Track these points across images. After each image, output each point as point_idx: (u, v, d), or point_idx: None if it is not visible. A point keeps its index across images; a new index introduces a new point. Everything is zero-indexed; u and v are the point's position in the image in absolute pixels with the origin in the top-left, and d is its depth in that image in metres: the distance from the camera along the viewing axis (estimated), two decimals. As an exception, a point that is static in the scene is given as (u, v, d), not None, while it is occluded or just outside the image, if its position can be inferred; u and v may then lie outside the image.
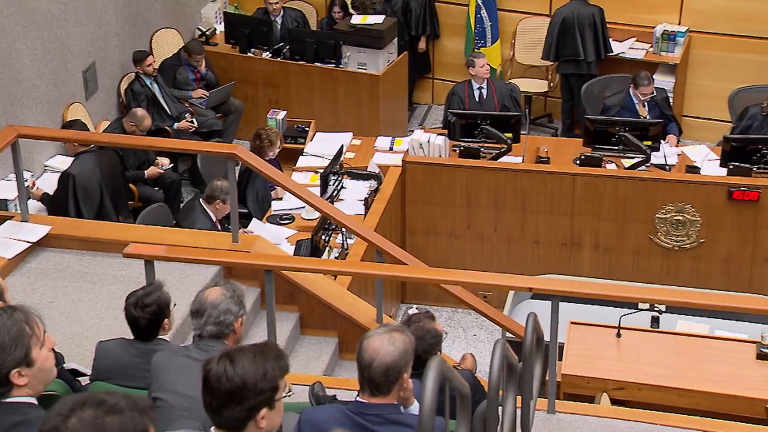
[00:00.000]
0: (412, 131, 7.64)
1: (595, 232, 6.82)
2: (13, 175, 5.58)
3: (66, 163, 6.83)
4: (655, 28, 8.44)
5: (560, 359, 5.05)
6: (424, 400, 2.33)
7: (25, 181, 5.75)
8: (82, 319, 4.90)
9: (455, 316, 6.97)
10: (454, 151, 7.12)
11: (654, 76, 7.72)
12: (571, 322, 5.39)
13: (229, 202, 5.73)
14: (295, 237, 6.33)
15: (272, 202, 6.86)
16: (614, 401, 4.99)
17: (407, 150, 7.21)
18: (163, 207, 6.59)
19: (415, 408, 2.92)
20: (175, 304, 3.86)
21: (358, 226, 5.68)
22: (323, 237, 6.10)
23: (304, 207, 6.52)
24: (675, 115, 7.82)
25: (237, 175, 5.94)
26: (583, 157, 6.96)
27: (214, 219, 6.18)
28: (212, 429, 2.38)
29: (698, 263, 6.73)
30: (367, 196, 6.76)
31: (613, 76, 8.26)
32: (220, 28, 9.07)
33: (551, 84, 8.92)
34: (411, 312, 4.19)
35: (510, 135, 6.98)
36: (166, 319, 3.76)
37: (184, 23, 8.99)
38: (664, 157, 6.96)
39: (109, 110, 8.00)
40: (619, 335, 5.34)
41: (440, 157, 7.06)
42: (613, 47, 8.45)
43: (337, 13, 8.92)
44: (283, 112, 8.14)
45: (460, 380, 2.76)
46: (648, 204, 6.67)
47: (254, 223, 6.53)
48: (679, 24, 8.50)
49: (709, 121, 8.57)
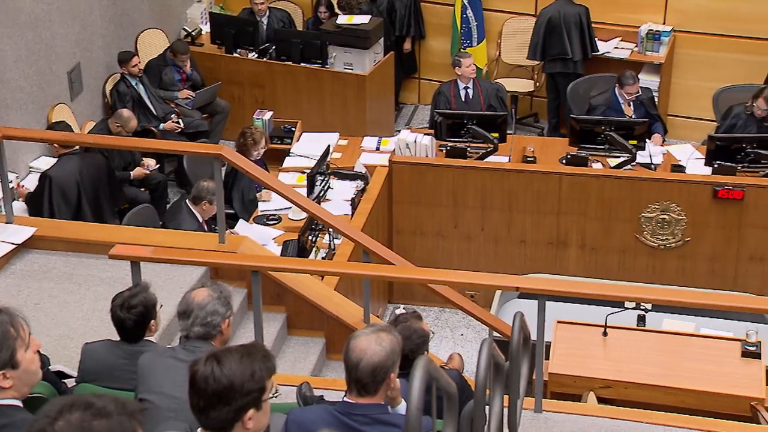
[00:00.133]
0: (399, 131, 7.66)
1: (581, 231, 6.84)
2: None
3: (51, 165, 6.80)
4: (639, 27, 8.48)
5: (547, 358, 5.07)
6: (411, 400, 2.33)
7: (10, 182, 5.72)
8: (67, 321, 4.88)
9: (442, 316, 6.98)
10: (441, 150, 7.13)
11: (639, 76, 7.76)
12: (558, 321, 5.41)
13: (215, 203, 5.72)
14: (282, 237, 6.32)
15: (258, 203, 6.85)
16: (601, 400, 5.01)
17: (394, 150, 7.22)
18: (149, 208, 6.57)
19: (403, 408, 2.92)
20: (162, 306, 3.85)
21: (344, 226, 5.68)
22: (310, 237, 6.10)
23: (290, 207, 6.52)
24: (660, 115, 7.85)
25: (223, 176, 5.93)
26: (569, 157, 6.98)
27: (201, 220, 6.16)
28: (199, 430, 2.37)
29: (683, 262, 6.77)
30: (353, 197, 6.76)
31: (598, 76, 8.29)
32: (206, 29, 9.04)
33: (537, 84, 8.95)
34: (398, 312, 4.19)
35: (496, 135, 7.00)
36: (153, 321, 3.75)
37: (169, 24, 8.96)
38: (650, 157, 6.99)
39: (95, 111, 7.96)
40: (605, 334, 5.36)
41: (427, 157, 7.07)
42: (599, 47, 8.47)
43: (323, 13, 8.91)
44: (270, 113, 8.13)
45: (447, 380, 2.76)
46: (634, 203, 6.70)
47: (241, 224, 6.52)
48: (664, 24, 8.54)
49: (694, 120, 8.62)
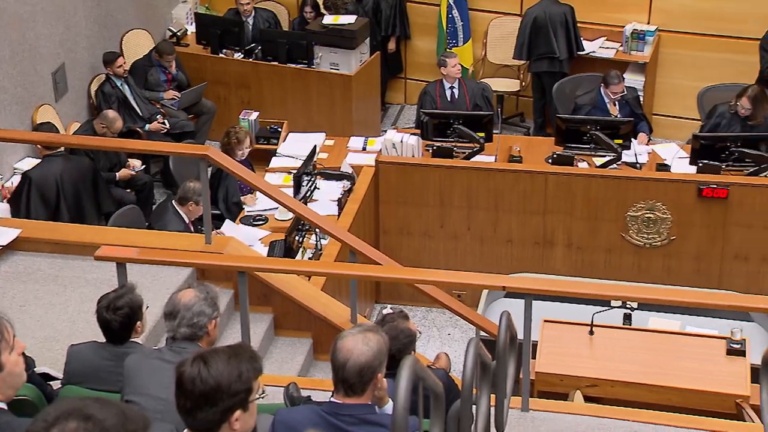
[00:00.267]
0: (385, 131, 7.65)
1: (567, 230, 6.86)
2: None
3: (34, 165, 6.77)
4: (624, 27, 8.51)
5: (534, 357, 5.08)
6: (397, 400, 2.34)
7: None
8: (53, 323, 4.86)
9: (429, 316, 6.99)
10: (427, 150, 7.14)
11: (624, 75, 7.78)
12: (545, 320, 5.43)
13: (201, 204, 5.71)
14: (269, 238, 6.31)
15: (243, 207, 6.83)
16: (587, 398, 5.03)
17: (380, 150, 7.22)
18: (135, 209, 6.54)
19: (390, 408, 2.92)
20: (148, 307, 3.84)
21: (331, 226, 5.68)
22: (297, 238, 6.09)
23: (277, 208, 6.51)
24: (645, 114, 7.88)
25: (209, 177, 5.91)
26: (555, 156, 7.00)
27: (187, 221, 6.15)
28: (185, 431, 2.37)
29: (669, 260, 6.80)
30: (340, 197, 6.75)
31: (584, 75, 8.31)
32: (191, 29, 9.02)
33: (523, 83, 8.97)
34: (385, 312, 4.19)
35: (482, 134, 7.01)
36: (139, 322, 3.74)
37: (154, 24, 8.93)
38: (635, 156, 7.02)
39: (80, 112, 7.93)
40: (591, 333, 5.38)
41: (413, 156, 7.07)
42: (584, 46, 8.50)
43: (308, 13, 8.90)
44: (256, 113, 8.11)
45: (434, 379, 2.77)
46: (619, 202, 6.73)
47: (227, 225, 6.51)
48: (648, 23, 8.58)
49: (679, 120, 8.66)
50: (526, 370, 4.29)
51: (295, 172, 6.70)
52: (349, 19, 8.26)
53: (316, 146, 7.19)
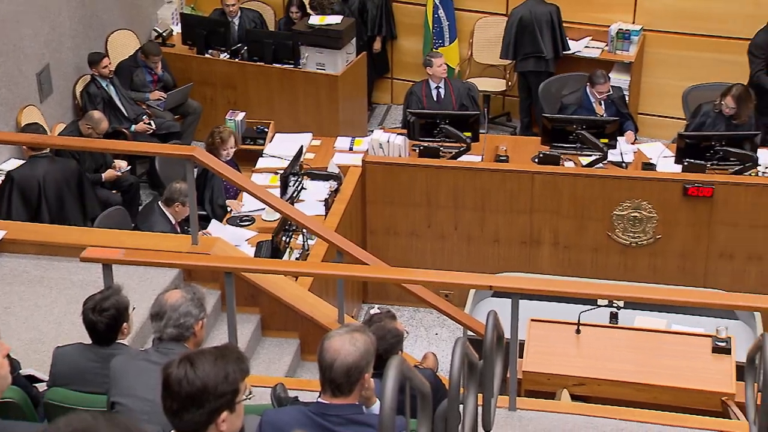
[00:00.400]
0: (372, 131, 7.66)
1: (554, 229, 6.88)
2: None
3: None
4: (610, 27, 8.54)
5: (521, 356, 5.09)
6: (384, 400, 2.34)
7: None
8: (39, 325, 4.84)
9: (417, 315, 6.99)
10: (414, 150, 7.14)
11: (610, 75, 7.81)
12: (532, 320, 5.44)
13: (188, 205, 5.69)
14: (256, 238, 6.30)
15: (227, 203, 6.81)
16: (574, 397, 5.04)
17: (367, 150, 7.22)
18: (121, 210, 6.52)
19: (377, 408, 2.92)
20: (134, 308, 3.83)
21: (318, 226, 5.68)
22: (284, 238, 6.08)
23: (264, 208, 6.50)
24: (631, 113, 7.91)
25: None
26: (541, 156, 7.02)
27: (174, 222, 6.13)
28: (172, 433, 2.36)
29: (655, 259, 6.83)
30: (327, 197, 6.75)
31: (569, 75, 8.34)
32: (177, 30, 8.99)
33: (509, 83, 8.99)
34: (372, 312, 4.20)
35: (469, 134, 7.02)
36: (125, 323, 3.73)
37: (139, 24, 8.90)
38: (621, 155, 7.05)
39: (65, 113, 7.89)
40: (578, 331, 5.40)
41: (400, 156, 7.08)
42: (570, 46, 8.53)
43: (294, 13, 8.89)
44: (242, 114, 8.10)
45: (421, 379, 2.77)
46: (605, 201, 6.75)
47: (214, 225, 6.49)
48: (634, 23, 8.61)
49: (664, 119, 8.69)
50: (513, 369, 4.30)
51: (281, 172, 6.70)
52: (335, 19, 8.25)
53: (302, 146, 7.19)
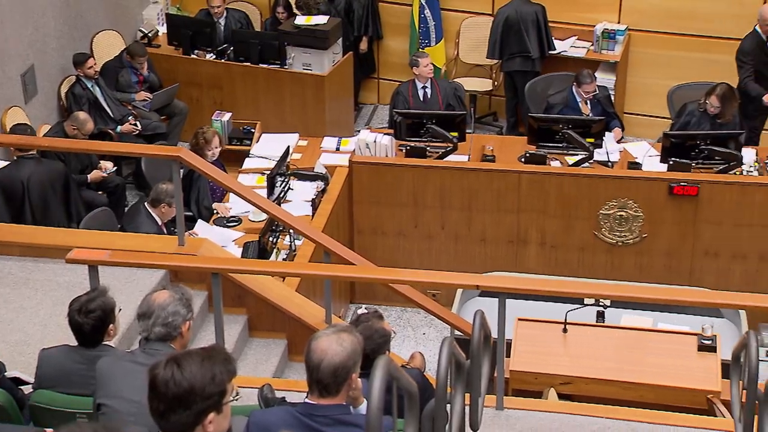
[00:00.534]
0: (359, 131, 7.66)
1: (540, 229, 6.90)
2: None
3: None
4: (595, 26, 8.57)
5: (508, 356, 5.11)
6: (371, 400, 2.34)
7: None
8: (24, 327, 4.82)
9: (404, 315, 7.00)
10: (401, 150, 7.15)
11: (595, 74, 7.83)
12: (519, 319, 5.45)
13: (174, 206, 5.68)
14: (243, 239, 6.29)
15: (214, 206, 6.79)
16: (561, 396, 5.06)
17: (354, 150, 7.22)
18: (107, 211, 6.49)
19: (365, 408, 2.92)
20: (120, 309, 3.82)
21: (305, 227, 5.68)
22: (271, 239, 6.07)
23: (251, 209, 6.49)
24: (617, 112, 7.94)
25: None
26: (528, 155, 7.04)
27: (160, 222, 6.11)
28: (159, 434, 2.36)
29: (641, 258, 6.85)
30: (314, 197, 6.75)
31: (555, 75, 8.36)
32: (163, 30, 8.95)
33: (495, 83, 9.00)
34: (360, 312, 4.20)
35: (455, 134, 7.03)
36: (111, 325, 3.72)
37: (125, 25, 8.87)
38: (607, 154, 7.07)
39: (50, 114, 7.86)
40: (565, 331, 5.41)
41: (387, 156, 7.08)
42: (556, 45, 8.55)
43: (280, 13, 8.87)
44: (228, 114, 8.08)
45: (408, 379, 2.78)
46: (592, 200, 6.78)
47: (200, 226, 6.47)
48: (619, 22, 8.65)
49: (650, 118, 8.73)
50: (500, 369, 4.31)
51: (268, 173, 6.69)
52: (321, 20, 8.24)
53: (289, 147, 7.18)
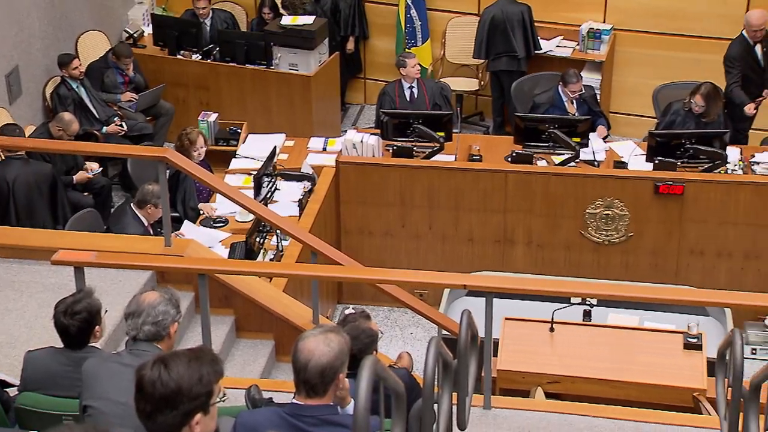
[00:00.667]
0: (345, 131, 7.65)
1: (527, 228, 6.91)
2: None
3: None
4: (581, 26, 8.60)
5: (495, 355, 5.11)
6: (358, 400, 2.34)
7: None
8: (9, 329, 4.79)
9: (392, 315, 7.00)
10: (388, 150, 7.15)
11: (581, 74, 7.86)
12: (506, 318, 5.46)
13: (160, 207, 5.66)
14: (229, 240, 6.28)
15: (200, 206, 6.78)
16: (549, 395, 5.07)
17: (340, 150, 7.22)
18: (93, 212, 6.47)
19: (352, 408, 2.92)
20: (107, 311, 3.81)
21: (292, 227, 5.67)
22: (258, 239, 6.07)
23: (237, 210, 6.48)
24: (603, 112, 7.97)
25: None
26: (514, 155, 7.05)
27: (146, 224, 6.09)
28: (145, 436, 2.35)
29: (627, 257, 6.88)
30: (301, 197, 6.74)
31: (541, 74, 8.37)
32: (148, 30, 8.93)
33: (481, 82, 9.02)
34: (347, 312, 4.20)
35: (442, 134, 7.04)
36: (97, 326, 3.71)
37: (110, 25, 8.83)
38: (593, 153, 7.10)
39: (35, 115, 7.82)
40: (552, 330, 5.43)
41: (373, 156, 7.08)
42: (541, 45, 8.57)
43: (266, 14, 8.86)
44: (215, 115, 8.06)
45: (395, 379, 2.78)
46: (578, 200, 6.80)
47: (187, 226, 6.46)
48: (604, 22, 8.68)
49: (636, 117, 8.76)
50: (487, 368, 4.31)
51: (255, 173, 6.68)
52: (307, 20, 8.24)
53: (276, 147, 7.17)
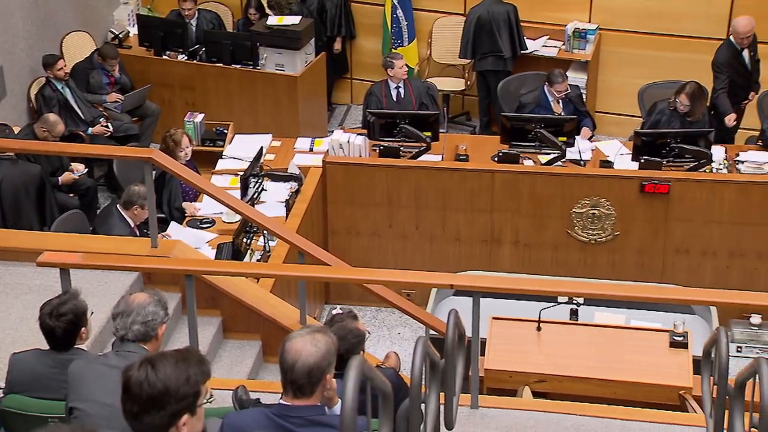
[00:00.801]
0: (332, 132, 7.65)
1: (514, 228, 6.93)
2: None
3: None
4: (566, 26, 8.63)
5: (483, 354, 5.13)
6: (345, 400, 2.34)
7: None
8: (-5, 332, 4.77)
9: (379, 315, 7.01)
10: (374, 150, 7.15)
11: (567, 73, 7.88)
12: (493, 318, 5.48)
13: (147, 207, 5.64)
14: (216, 240, 6.27)
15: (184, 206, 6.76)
16: (536, 394, 5.09)
17: (327, 150, 7.22)
18: (79, 214, 6.44)
19: (340, 408, 2.92)
20: (93, 312, 3.79)
21: (279, 228, 5.66)
22: (244, 240, 6.05)
23: (224, 210, 6.46)
24: (589, 111, 8.00)
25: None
26: (501, 154, 7.07)
27: (132, 225, 6.07)
28: (132, 437, 2.34)
29: (614, 255, 6.91)
30: (288, 198, 6.73)
31: (527, 74, 8.39)
32: (134, 31, 8.90)
33: (468, 82, 9.03)
34: (334, 312, 4.20)
35: (429, 134, 7.04)
36: (83, 328, 3.69)
37: (95, 26, 8.80)
38: (579, 153, 7.12)
39: (20, 116, 7.78)
40: (539, 329, 5.44)
41: (360, 156, 7.08)
42: (527, 45, 8.59)
43: (252, 14, 8.85)
44: (201, 115, 8.04)
45: (382, 379, 2.78)
46: (565, 199, 6.82)
47: (173, 227, 6.44)
48: (590, 22, 8.71)
49: (621, 117, 8.79)
50: (474, 368, 4.32)
51: (241, 174, 6.67)
52: (293, 20, 8.23)
53: (262, 148, 7.16)
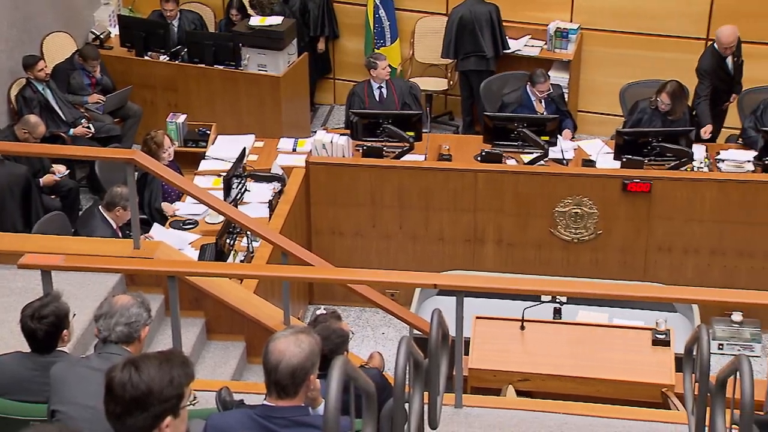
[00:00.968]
0: (315, 132, 7.64)
1: (497, 227, 6.95)
2: None
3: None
4: (548, 25, 8.66)
5: (466, 354, 5.14)
6: (328, 400, 2.34)
7: None
8: (-24, 335, 4.73)
9: (363, 315, 7.01)
10: (357, 150, 7.15)
11: (549, 73, 7.90)
12: (476, 317, 5.49)
13: (129, 209, 5.62)
14: (199, 241, 6.25)
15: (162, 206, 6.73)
16: (520, 393, 5.10)
17: (310, 151, 7.21)
18: (61, 215, 6.40)
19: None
20: (75, 315, 3.77)
21: (262, 228, 5.66)
22: (228, 241, 6.04)
23: (207, 211, 6.45)
24: (570, 111, 8.03)
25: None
26: (484, 154, 7.09)
27: (115, 226, 6.04)
28: (115, 439, 2.33)
29: (596, 254, 6.94)
30: (271, 199, 6.72)
31: (510, 74, 8.41)
32: (115, 32, 8.86)
33: (450, 82, 9.05)
34: (318, 313, 4.20)
35: (412, 133, 7.06)
36: (65, 330, 3.67)
37: (76, 27, 8.75)
38: (562, 152, 7.14)
39: None
40: (522, 328, 5.46)
41: (343, 157, 7.08)
42: (510, 45, 8.62)
43: (234, 15, 8.83)
44: (183, 116, 8.01)
45: (365, 379, 2.78)
46: (547, 198, 6.84)
47: (156, 229, 6.42)
48: (571, 21, 8.74)
49: (603, 116, 8.83)
50: (458, 367, 4.33)
51: (224, 174, 6.65)
52: (275, 20, 8.22)
53: (245, 148, 7.15)
